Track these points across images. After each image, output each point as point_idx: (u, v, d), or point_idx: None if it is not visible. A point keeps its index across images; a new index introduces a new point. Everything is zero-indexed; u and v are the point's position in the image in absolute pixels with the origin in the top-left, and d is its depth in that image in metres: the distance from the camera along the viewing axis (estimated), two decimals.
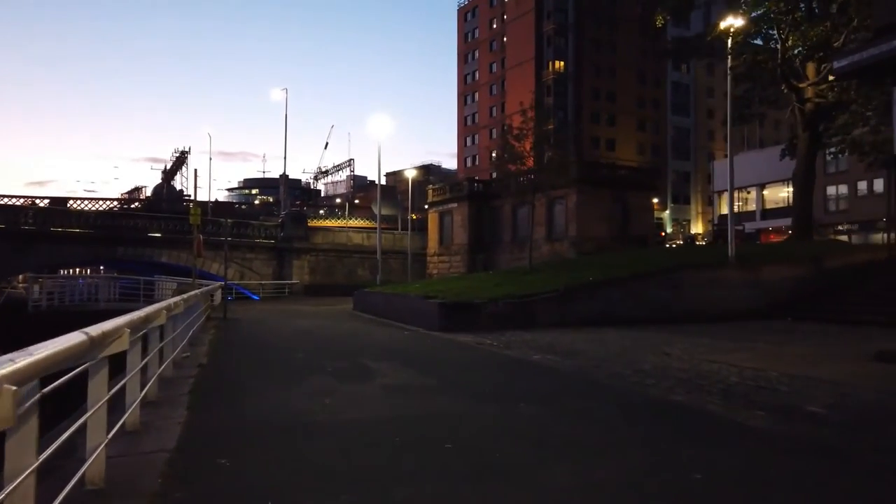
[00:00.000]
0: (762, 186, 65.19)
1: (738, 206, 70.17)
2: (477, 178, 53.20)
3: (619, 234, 33.80)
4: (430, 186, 46.90)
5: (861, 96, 18.71)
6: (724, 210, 71.26)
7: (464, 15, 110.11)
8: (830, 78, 21.29)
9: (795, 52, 20.39)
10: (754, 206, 66.55)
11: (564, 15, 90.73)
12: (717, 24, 21.87)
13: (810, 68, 22.32)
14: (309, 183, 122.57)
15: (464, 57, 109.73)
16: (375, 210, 46.61)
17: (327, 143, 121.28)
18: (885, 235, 34.61)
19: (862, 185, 53.02)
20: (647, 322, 17.14)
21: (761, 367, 9.43)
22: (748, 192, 67.42)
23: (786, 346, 11.90)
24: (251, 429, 5.90)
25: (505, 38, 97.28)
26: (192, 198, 56.21)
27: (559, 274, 20.55)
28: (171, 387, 8.03)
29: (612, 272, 18.91)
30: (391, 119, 29.86)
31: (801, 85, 22.20)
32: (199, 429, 5.88)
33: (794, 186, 23.57)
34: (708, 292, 18.61)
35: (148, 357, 7.03)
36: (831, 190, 56.17)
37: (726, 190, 69.74)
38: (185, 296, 10.94)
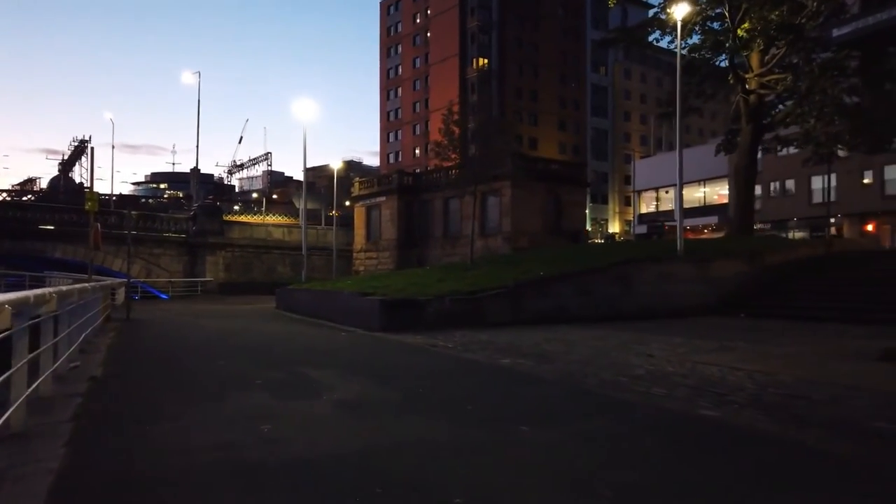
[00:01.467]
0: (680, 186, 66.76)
1: (656, 205, 71.99)
2: (409, 170, 51.58)
3: (552, 230, 33.01)
4: (357, 179, 44.78)
5: (818, 88, 18.41)
6: (644, 209, 72.94)
7: (386, 8, 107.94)
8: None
9: (747, 36, 19.92)
10: (671, 205, 68.20)
11: (488, 12, 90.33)
12: (668, 6, 21.16)
13: (754, 59, 22.03)
14: (222, 178, 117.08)
15: (386, 51, 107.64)
16: (298, 204, 44.05)
17: (241, 138, 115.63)
18: (827, 230, 35.80)
19: (775, 186, 55.06)
20: (600, 320, 16.09)
21: (765, 370, 8.30)
22: (666, 192, 69.05)
23: (767, 346, 10.93)
24: (157, 480, 4.03)
25: (428, 34, 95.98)
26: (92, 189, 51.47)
27: (502, 269, 19.24)
28: (49, 410, 5.98)
29: (562, 267, 17.74)
30: (315, 108, 27.75)
31: (748, 75, 21.88)
32: (80, 481, 3.98)
33: (735, 180, 23.31)
34: (658, 288, 17.76)
35: (13, 370, 5.03)
36: None
37: (646, 189, 70.95)
38: (77, 286, 8.75)
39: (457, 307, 15.17)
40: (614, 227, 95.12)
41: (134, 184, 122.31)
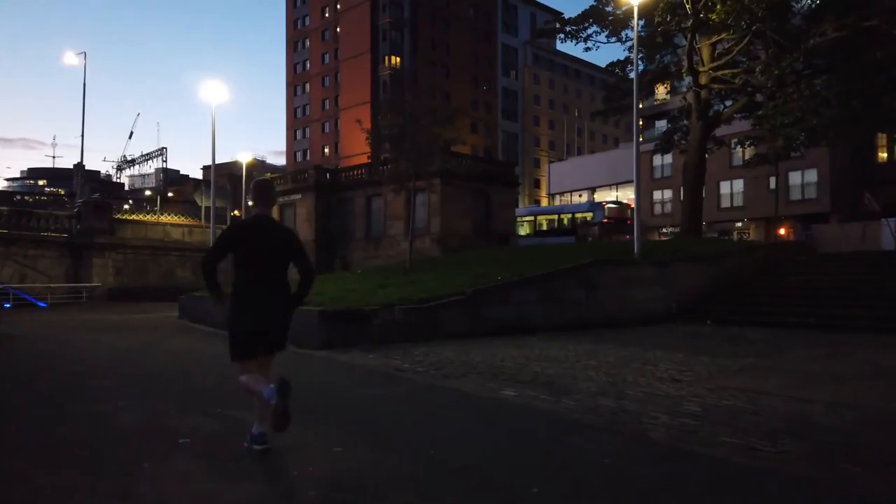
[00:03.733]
0: (593, 190, 67.49)
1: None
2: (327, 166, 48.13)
3: (481, 231, 31.38)
4: (269, 175, 41.30)
5: (791, 80, 17.65)
6: None
7: (293, 1, 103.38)
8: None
9: (717, 21, 18.95)
10: None
11: (400, 9, 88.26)
12: None
13: (705, 51, 21.26)
14: (110, 175, 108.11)
15: (293, 45, 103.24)
16: (200, 202, 40.10)
17: (132, 133, 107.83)
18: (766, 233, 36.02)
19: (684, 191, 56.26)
20: (565, 328, 14.46)
21: (838, 399, 6.70)
22: (580, 196, 69.58)
23: (789, 363, 9.48)
24: None
25: (338, 29, 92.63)
26: None
27: (449, 274, 17.20)
28: None
29: (517, 269, 15.89)
30: (226, 92, 24.66)
31: (701, 69, 21.01)
32: None
33: (684, 179, 22.48)
34: (622, 293, 16.31)
35: None
36: (657, 195, 59.14)
37: (562, 192, 71.24)
38: None
39: (408, 318, 12.96)
40: (524, 231, 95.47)
41: (8, 179, 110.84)
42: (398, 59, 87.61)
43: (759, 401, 6.69)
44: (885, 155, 47.78)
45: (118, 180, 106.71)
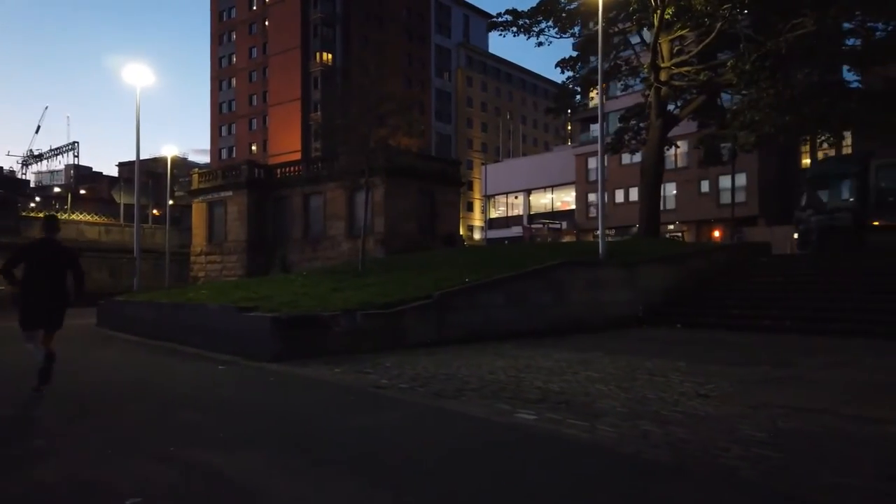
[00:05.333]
0: (529, 192, 67.53)
1: (504, 209, 72.36)
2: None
3: (427, 232, 30.16)
4: (197, 171, 38.68)
5: (764, 77, 17.31)
6: (494, 213, 72.98)
7: None
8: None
9: (670, 18, 18.54)
10: (521, 210, 68.69)
11: (332, 4, 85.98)
12: None
13: (665, 47, 20.83)
14: (13, 171, 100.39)
15: (218, 38, 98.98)
16: (119, 199, 37.08)
17: (39, 127, 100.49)
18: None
19: (619, 193, 57.21)
20: (535, 334, 13.50)
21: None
22: (516, 197, 69.49)
23: (803, 372, 8.76)
24: None
25: (267, 22, 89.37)
26: None
27: (403, 275, 15.96)
28: None
29: (478, 270, 14.79)
30: (151, 75, 22.51)
31: (663, 64, 20.55)
32: None
33: (641, 179, 22.01)
34: (589, 296, 15.49)
35: None
36: (592, 197, 59.67)
37: (497, 194, 70.98)
38: None
39: (370, 324, 11.61)
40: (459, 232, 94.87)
41: None
42: (330, 56, 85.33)
43: (822, 421, 5.79)
44: (808, 161, 49.82)
45: (24, 177, 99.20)
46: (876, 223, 18.18)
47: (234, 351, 11.07)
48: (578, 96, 28.72)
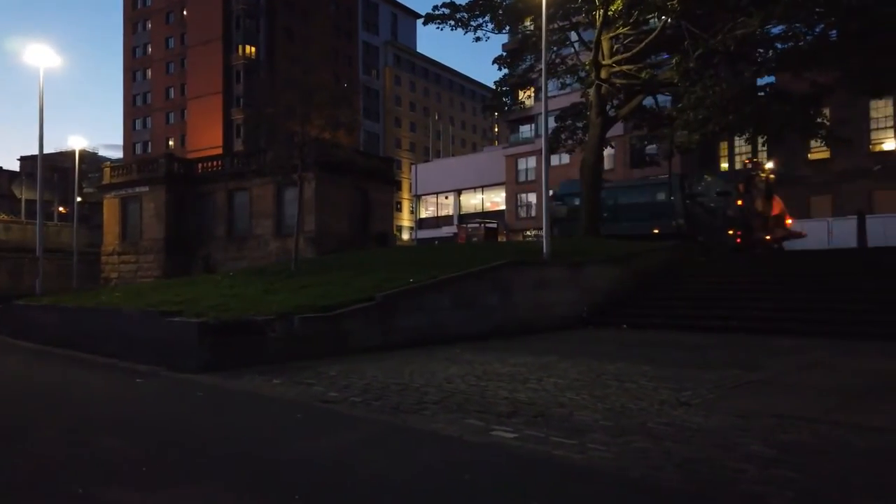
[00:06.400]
0: (459, 192, 67.29)
1: (434, 210, 71.88)
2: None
3: (360, 231, 29.12)
4: (109, 164, 36.00)
5: (709, 74, 17.29)
6: (424, 213, 72.35)
7: None
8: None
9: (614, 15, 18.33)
10: (451, 210, 68.35)
11: None
12: None
13: (605, 45, 20.68)
14: None
15: (132, 26, 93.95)
16: (20, 194, 34.09)
17: None
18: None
19: (521, 197, 58.59)
20: (484, 337, 12.94)
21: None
22: (446, 197, 69.08)
23: (778, 374, 8.47)
24: None
25: (185, 12, 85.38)
26: None
27: (340, 275, 14.99)
28: None
29: (422, 270, 14.02)
30: (55, 56, 20.53)
31: (604, 62, 20.36)
32: None
33: (582, 178, 21.78)
34: (535, 296, 15.01)
35: None
36: (522, 198, 60.08)
37: (428, 193, 70.46)
38: None
39: (309, 329, 10.66)
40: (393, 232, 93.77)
41: None
42: (253, 49, 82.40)
43: (821, 432, 5.36)
44: (725, 165, 51.78)
45: None
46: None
47: (155, 361, 9.88)
48: (509, 97, 28.43)
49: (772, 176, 22.94)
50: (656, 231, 23.36)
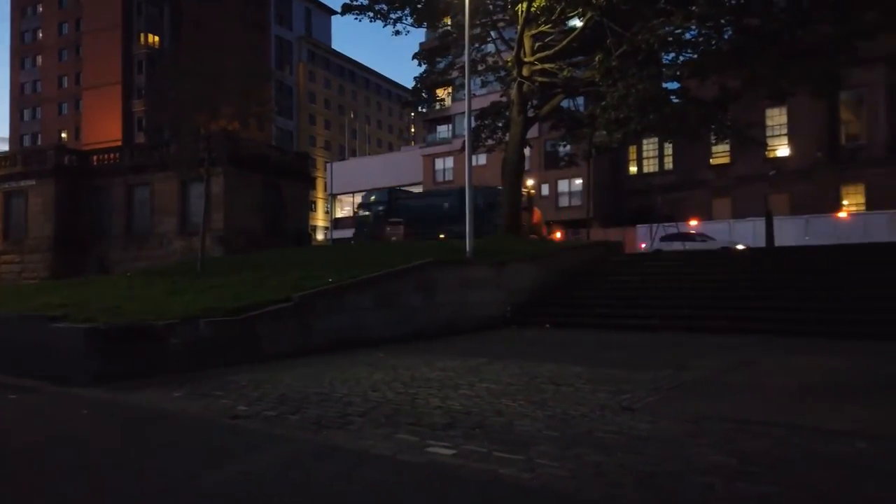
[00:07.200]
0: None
1: (350, 209, 70.49)
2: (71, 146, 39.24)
3: (273, 229, 27.77)
4: None
5: (631, 73, 17.28)
6: (339, 213, 70.83)
7: None
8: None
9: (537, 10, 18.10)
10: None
11: None
12: None
13: (527, 42, 20.46)
14: None
15: (21, 9, 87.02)
16: None
17: None
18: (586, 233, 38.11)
19: None
20: (407, 339, 12.44)
21: (862, 428, 5.42)
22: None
23: (713, 374, 8.32)
24: None
25: None
26: None
27: (252, 275, 13.95)
28: None
29: (340, 269, 13.25)
30: None
31: (526, 59, 20.13)
32: None
33: (503, 177, 21.48)
34: (458, 296, 14.55)
35: None
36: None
37: (344, 193, 69.01)
38: None
39: (217, 334, 9.69)
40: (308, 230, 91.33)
41: None
42: (157, 38, 78.12)
43: (782, 437, 5.08)
44: (634, 169, 53.50)
45: None
46: None
47: (36, 373, 8.65)
48: (427, 94, 27.99)
49: (532, 192, 25.77)
50: (442, 236, 26.33)
